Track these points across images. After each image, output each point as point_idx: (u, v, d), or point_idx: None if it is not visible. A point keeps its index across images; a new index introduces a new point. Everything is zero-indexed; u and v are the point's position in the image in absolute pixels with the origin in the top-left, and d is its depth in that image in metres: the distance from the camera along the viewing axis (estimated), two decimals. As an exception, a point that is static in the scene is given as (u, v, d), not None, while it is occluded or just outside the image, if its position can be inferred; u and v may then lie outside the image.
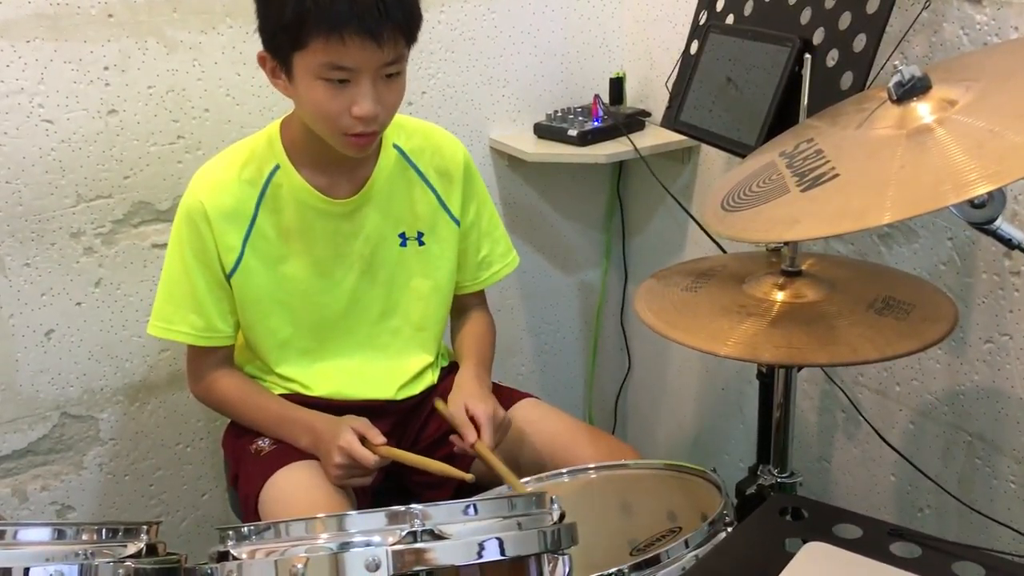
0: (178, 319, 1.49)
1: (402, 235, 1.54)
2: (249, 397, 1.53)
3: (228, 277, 1.47)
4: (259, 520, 1.41)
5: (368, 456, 1.37)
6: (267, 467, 1.45)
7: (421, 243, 1.55)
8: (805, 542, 1.01)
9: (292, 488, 1.42)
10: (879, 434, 1.68)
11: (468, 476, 1.33)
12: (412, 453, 1.42)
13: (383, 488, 1.52)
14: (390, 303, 1.56)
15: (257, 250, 1.46)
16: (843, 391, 1.75)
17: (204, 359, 1.54)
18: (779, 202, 1.03)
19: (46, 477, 1.79)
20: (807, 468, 1.87)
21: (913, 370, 1.63)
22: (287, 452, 1.47)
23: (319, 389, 1.54)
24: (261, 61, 1.38)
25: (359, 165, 1.48)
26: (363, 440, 1.39)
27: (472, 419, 1.42)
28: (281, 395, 1.55)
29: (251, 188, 1.45)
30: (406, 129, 1.55)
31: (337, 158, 1.43)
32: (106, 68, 1.66)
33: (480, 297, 1.70)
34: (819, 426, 1.85)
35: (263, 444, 1.51)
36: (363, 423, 1.42)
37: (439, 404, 1.54)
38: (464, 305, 1.68)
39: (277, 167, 1.46)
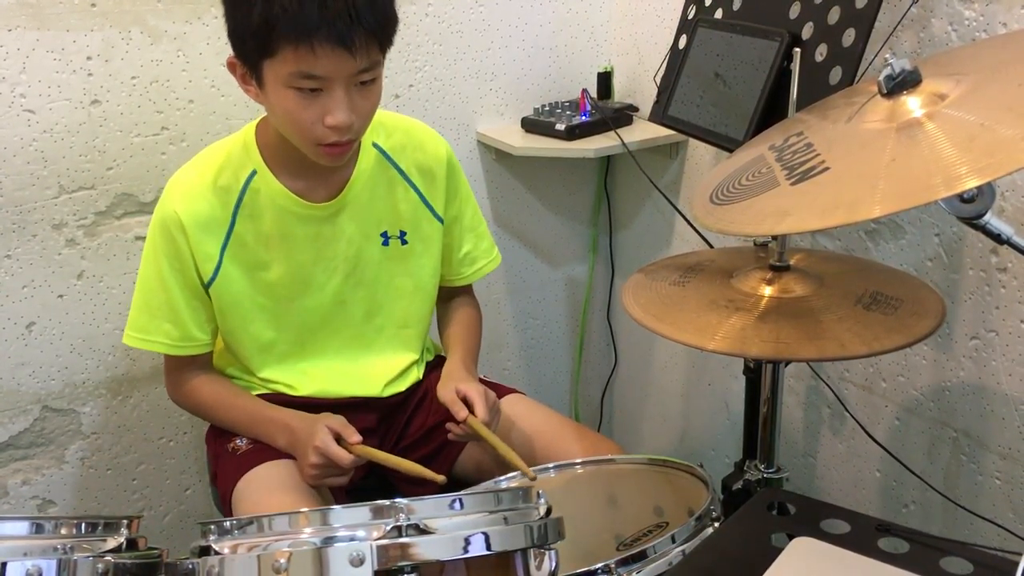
0: (153, 328, 1.46)
1: (384, 234, 1.52)
2: (226, 400, 1.52)
3: (207, 286, 1.45)
4: (235, 519, 1.39)
5: (344, 456, 1.36)
6: (242, 465, 1.44)
7: (404, 242, 1.53)
8: (793, 537, 1.00)
9: (266, 486, 1.41)
10: (865, 430, 1.68)
11: (440, 478, 1.31)
12: (386, 453, 1.41)
13: (365, 485, 1.51)
14: (374, 303, 1.54)
15: (236, 258, 1.44)
16: (829, 387, 1.75)
17: (182, 367, 1.52)
18: (769, 195, 1.02)
19: (27, 471, 1.78)
20: (793, 464, 1.87)
21: (899, 366, 1.63)
22: (263, 451, 1.46)
23: (304, 389, 1.53)
24: (231, 67, 1.34)
25: (338, 168, 1.45)
26: (339, 439, 1.38)
27: (464, 399, 1.42)
28: (264, 394, 1.53)
29: (227, 195, 1.42)
30: (386, 127, 1.51)
31: (314, 162, 1.40)
32: (89, 58, 1.64)
33: (467, 288, 1.70)
34: (805, 422, 1.85)
35: (240, 443, 1.49)
36: (339, 422, 1.40)
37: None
38: (450, 295, 1.68)
39: (254, 172, 1.43)
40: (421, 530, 0.93)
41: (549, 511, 1.04)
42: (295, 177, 1.44)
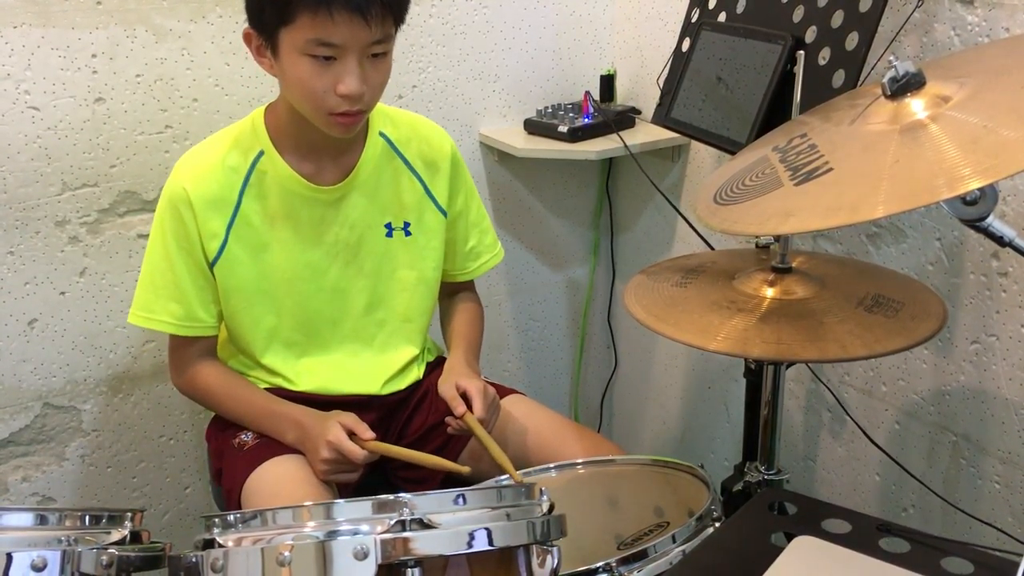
0: (159, 308, 1.47)
1: (388, 225, 1.53)
2: (234, 390, 1.52)
3: (211, 265, 1.45)
4: (242, 514, 1.39)
5: (357, 451, 1.36)
6: (250, 460, 1.44)
7: (408, 233, 1.54)
8: (793, 537, 1.01)
9: (276, 482, 1.40)
10: (865, 433, 1.68)
11: (464, 469, 1.31)
12: (403, 448, 1.41)
13: (368, 483, 1.51)
14: (376, 295, 1.55)
15: (241, 237, 1.45)
16: (829, 390, 1.76)
17: (186, 349, 1.52)
18: (772, 196, 1.03)
19: (27, 468, 1.78)
20: (792, 467, 1.88)
21: (899, 370, 1.63)
22: (271, 446, 1.46)
23: (304, 384, 1.53)
24: (247, 39, 1.37)
25: (345, 152, 1.47)
26: (351, 435, 1.38)
27: (463, 395, 1.42)
28: (265, 389, 1.53)
29: (235, 174, 1.44)
30: (393, 119, 1.54)
31: (322, 144, 1.42)
32: (94, 56, 1.64)
33: (469, 284, 1.70)
34: (805, 425, 1.85)
35: (246, 438, 1.49)
36: (351, 418, 1.40)
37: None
38: (453, 290, 1.69)
39: (262, 153, 1.44)
40: (424, 525, 0.93)
41: (551, 508, 1.04)
42: (303, 159, 1.45)
